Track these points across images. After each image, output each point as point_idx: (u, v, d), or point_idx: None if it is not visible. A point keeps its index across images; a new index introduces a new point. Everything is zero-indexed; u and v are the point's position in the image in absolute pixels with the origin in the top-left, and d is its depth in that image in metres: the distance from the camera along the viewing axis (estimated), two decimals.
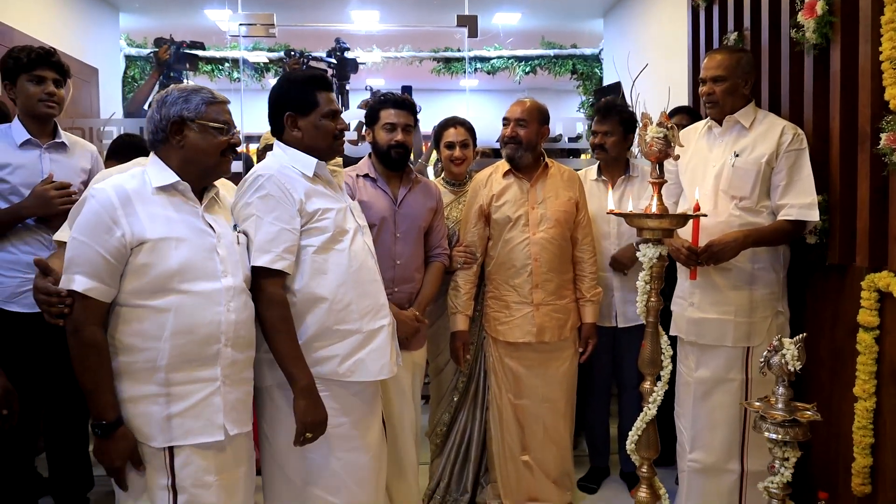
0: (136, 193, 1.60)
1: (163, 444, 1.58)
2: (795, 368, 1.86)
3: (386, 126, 2.33)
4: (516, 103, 2.63)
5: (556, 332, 2.59)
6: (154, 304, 1.57)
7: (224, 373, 1.64)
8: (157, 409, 1.58)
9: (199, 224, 1.67)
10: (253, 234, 1.77)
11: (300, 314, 1.83)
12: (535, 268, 2.54)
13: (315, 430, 1.77)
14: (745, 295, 2.35)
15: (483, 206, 2.58)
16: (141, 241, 1.56)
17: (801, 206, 2.26)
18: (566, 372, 2.66)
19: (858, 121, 2.22)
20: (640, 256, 2.14)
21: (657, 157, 2.10)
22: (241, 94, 4.76)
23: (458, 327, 2.57)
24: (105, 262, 1.54)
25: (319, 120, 1.90)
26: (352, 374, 1.87)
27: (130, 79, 5.79)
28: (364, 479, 1.93)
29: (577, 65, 6.17)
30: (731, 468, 2.40)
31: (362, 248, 1.94)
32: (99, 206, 1.56)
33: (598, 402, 3.02)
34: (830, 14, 2.30)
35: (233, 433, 1.65)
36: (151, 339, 1.57)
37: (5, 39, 3.67)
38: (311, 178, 1.89)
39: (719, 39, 3.12)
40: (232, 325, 1.65)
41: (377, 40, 6.05)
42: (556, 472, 2.68)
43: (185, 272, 1.60)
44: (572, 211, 2.62)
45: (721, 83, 2.36)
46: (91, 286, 1.53)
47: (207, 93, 1.70)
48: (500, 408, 2.64)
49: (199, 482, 1.60)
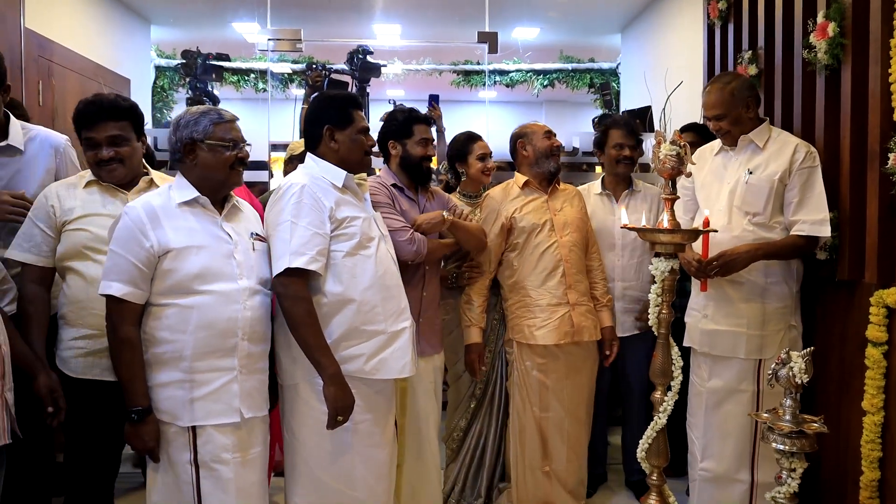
0: (161, 209, 1.83)
1: (187, 424, 1.79)
2: (803, 381, 1.92)
3: (421, 141, 2.45)
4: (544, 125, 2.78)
5: (593, 331, 2.65)
6: (179, 302, 1.79)
7: (241, 363, 1.84)
8: (183, 394, 1.79)
9: (218, 232, 1.87)
10: (288, 237, 1.90)
11: (330, 314, 1.95)
12: (566, 269, 2.61)
13: (345, 413, 1.91)
14: (757, 308, 2.39)
15: (505, 221, 2.64)
16: (166, 250, 1.79)
17: (813, 222, 2.30)
18: (588, 380, 2.73)
19: (868, 140, 2.27)
20: (653, 269, 2.21)
21: (670, 173, 2.18)
22: (268, 104, 4.91)
23: (472, 339, 2.63)
24: (137, 269, 1.77)
25: (355, 135, 2.06)
26: (377, 371, 1.99)
27: (160, 88, 5.96)
28: (382, 474, 2.05)
29: (594, 78, 6.25)
30: (742, 478, 2.44)
31: (386, 255, 2.07)
32: (131, 221, 1.80)
33: (598, 411, 3.04)
34: (842, 36, 2.35)
35: (248, 416, 1.84)
36: (178, 332, 1.79)
37: (46, 52, 3.83)
38: (340, 189, 2.03)
39: (734, 57, 3.18)
40: (248, 321, 1.84)
41: (399, 54, 6.18)
42: (572, 482, 2.73)
43: (205, 275, 1.80)
44: (586, 219, 2.75)
45: (723, 119, 2.41)
46: (126, 291, 1.77)
47: (215, 113, 1.90)
48: (522, 422, 2.66)
49: (217, 458, 1.80)
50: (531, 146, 2.71)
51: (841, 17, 2.35)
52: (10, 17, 3.45)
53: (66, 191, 2.05)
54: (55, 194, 2.03)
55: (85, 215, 2.01)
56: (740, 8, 3.13)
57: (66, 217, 2.01)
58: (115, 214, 1.94)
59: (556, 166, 2.71)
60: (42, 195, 2.06)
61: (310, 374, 1.93)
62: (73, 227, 2.00)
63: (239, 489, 1.82)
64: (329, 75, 4.12)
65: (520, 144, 2.75)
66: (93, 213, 2.01)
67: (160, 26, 5.85)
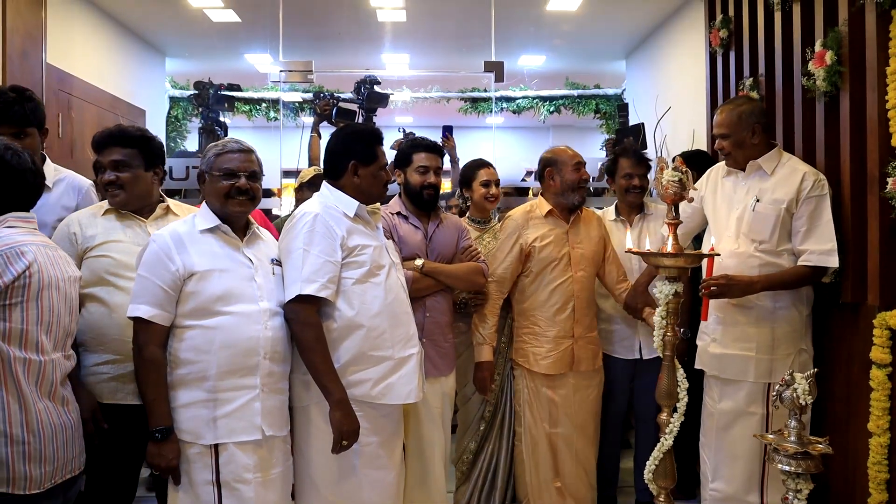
0: (187, 235, 1.92)
1: (210, 442, 1.84)
2: (806, 402, 1.94)
3: (419, 169, 2.51)
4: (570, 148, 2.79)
5: (591, 361, 2.73)
6: (203, 323, 1.86)
7: (263, 381, 1.89)
8: (206, 412, 1.85)
9: (239, 257, 1.95)
10: (300, 264, 1.96)
11: (339, 339, 2.01)
12: (577, 304, 2.67)
13: (350, 438, 1.95)
14: (766, 332, 2.41)
15: (524, 246, 2.68)
16: (191, 273, 1.86)
17: (821, 252, 2.32)
18: (595, 398, 2.79)
19: (867, 165, 2.32)
20: (657, 293, 2.25)
21: (673, 199, 2.23)
22: (280, 133, 5.02)
23: (484, 357, 2.67)
24: (164, 292, 1.85)
25: (378, 171, 2.14)
26: (383, 396, 2.03)
27: (174, 119, 6.10)
28: (388, 496, 2.09)
29: (600, 104, 6.34)
30: (751, 500, 2.44)
31: (396, 283, 2.12)
32: (158, 247, 1.88)
33: (611, 431, 3.06)
34: (839, 64, 2.42)
35: (269, 434, 1.89)
36: (202, 353, 1.85)
37: (66, 86, 3.97)
38: (353, 218, 2.09)
39: (736, 84, 3.25)
40: (269, 340, 1.90)
41: (407, 82, 6.30)
42: (584, 497, 2.76)
43: (227, 297, 1.87)
44: (601, 251, 2.78)
45: (726, 139, 2.46)
46: (154, 313, 1.84)
47: (221, 146, 2.00)
48: (534, 438, 2.72)
49: (239, 478, 1.84)
50: (559, 176, 2.70)
51: (838, 46, 2.42)
52: (34, 54, 3.58)
53: (87, 219, 2.11)
54: (77, 222, 2.10)
55: (106, 241, 2.07)
56: (741, 36, 3.21)
57: (87, 244, 2.06)
58: (134, 241, 2.03)
59: (580, 200, 2.72)
60: (63, 224, 2.12)
61: (319, 396, 1.97)
62: (94, 253, 2.06)
63: None
64: (337, 104, 4.20)
65: (548, 173, 2.74)
66: (113, 240, 2.07)
67: (175, 58, 6.00)
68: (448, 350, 2.53)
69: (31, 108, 2.17)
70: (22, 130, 2.14)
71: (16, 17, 3.37)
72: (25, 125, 2.15)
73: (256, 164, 2.02)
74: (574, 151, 2.79)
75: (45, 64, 3.69)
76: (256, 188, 2.00)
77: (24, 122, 2.15)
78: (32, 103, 2.18)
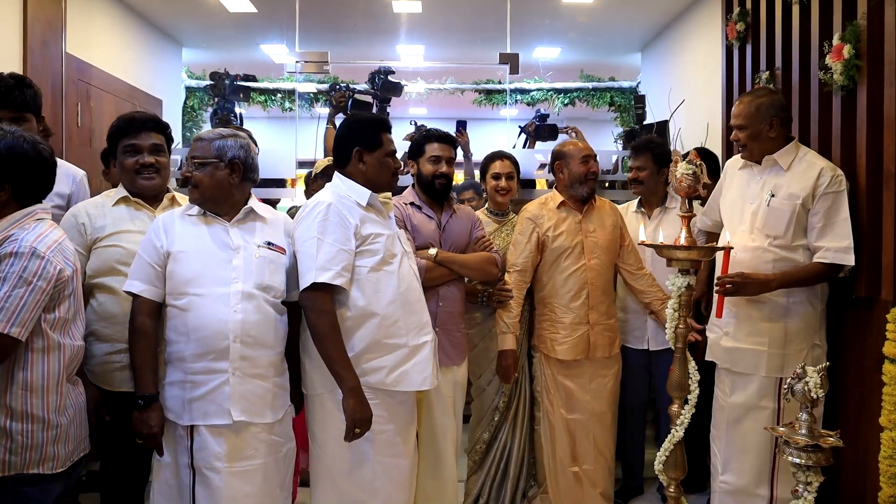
0: (177, 216, 2.00)
1: (186, 423, 1.90)
2: (818, 396, 1.95)
3: (431, 158, 2.53)
4: (582, 142, 2.87)
5: (608, 348, 2.76)
6: (177, 303, 1.92)
7: (234, 366, 1.90)
8: (183, 393, 1.91)
9: (223, 238, 1.98)
10: (314, 253, 1.99)
11: (354, 328, 2.03)
12: (591, 291, 2.71)
13: (363, 426, 1.97)
14: (779, 327, 2.41)
15: (540, 236, 2.74)
16: (169, 252, 1.94)
17: (837, 250, 2.30)
18: (612, 387, 2.82)
19: (884, 160, 2.31)
20: (670, 285, 2.26)
21: (686, 192, 2.24)
22: (296, 123, 5.05)
23: (507, 346, 2.70)
24: (153, 269, 1.94)
25: (383, 157, 2.16)
26: (398, 383, 2.06)
27: (190, 109, 6.13)
28: (402, 483, 2.11)
29: (614, 97, 6.31)
30: (761, 493, 2.45)
31: (409, 271, 2.15)
32: (152, 228, 2.00)
33: (634, 423, 3.10)
34: (857, 58, 2.40)
35: (238, 419, 1.89)
36: (179, 334, 1.92)
37: (84, 76, 4.02)
38: (365, 207, 2.10)
39: (752, 77, 3.23)
40: (239, 324, 1.90)
41: (422, 74, 6.30)
42: (602, 484, 2.81)
43: (197, 279, 1.92)
44: (617, 239, 2.81)
45: (743, 131, 2.45)
46: (143, 288, 1.94)
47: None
48: (552, 423, 2.79)
49: (209, 466, 1.88)
50: (567, 170, 2.76)
51: (856, 40, 2.40)
52: (53, 44, 3.63)
53: (96, 209, 2.14)
54: (84, 213, 2.12)
55: (116, 232, 2.10)
56: (758, 29, 3.19)
57: (97, 234, 2.09)
58: (143, 231, 2.06)
59: (588, 191, 2.76)
60: (70, 215, 2.14)
61: (333, 384, 1.99)
62: (105, 243, 2.09)
63: (228, 498, 1.86)
64: (353, 95, 4.21)
65: (557, 167, 2.81)
66: (123, 230, 2.11)
67: (191, 48, 6.04)
68: (460, 340, 2.56)
69: (30, 94, 2.22)
70: (21, 116, 2.18)
71: (37, 8, 3.42)
72: (24, 110, 2.20)
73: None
74: (584, 144, 2.83)
75: (64, 54, 3.73)
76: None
77: (24, 108, 2.20)
78: (31, 90, 2.23)
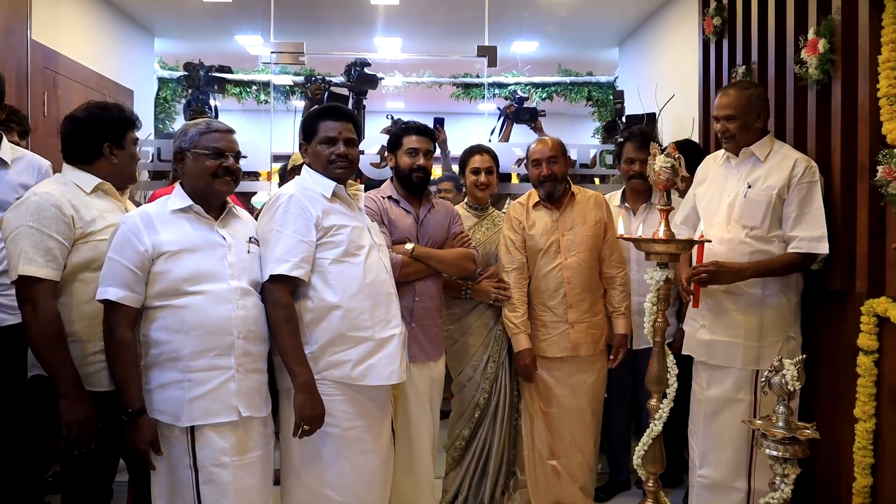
0: (157, 216, 1.90)
1: (186, 424, 1.82)
2: (795, 388, 1.96)
3: (409, 151, 2.49)
4: (540, 143, 2.75)
5: (591, 346, 2.73)
6: (173, 303, 1.84)
7: (238, 362, 1.88)
8: (181, 394, 1.83)
9: (213, 236, 1.93)
10: (274, 245, 1.96)
11: (317, 320, 2.00)
12: (568, 290, 2.68)
13: (312, 423, 1.94)
14: (754, 319, 2.42)
15: (523, 234, 2.72)
16: (160, 253, 1.85)
17: (811, 239, 2.32)
18: (593, 385, 2.78)
19: (858, 153, 2.33)
20: (648, 279, 2.26)
21: (664, 185, 2.23)
22: (270, 116, 4.98)
23: (523, 346, 2.67)
24: (132, 273, 1.83)
25: (317, 146, 2.13)
26: (364, 378, 2.02)
27: (162, 100, 6.01)
28: (373, 480, 2.08)
29: (592, 91, 6.32)
30: (738, 486, 2.46)
31: (377, 263, 2.11)
32: (126, 229, 1.86)
33: (619, 418, 3.10)
34: (831, 52, 2.42)
35: (245, 415, 1.87)
36: (174, 332, 1.84)
37: (51, 64, 3.90)
38: (330, 198, 2.08)
39: (728, 72, 3.24)
40: (242, 320, 1.89)
41: (399, 67, 6.25)
42: (581, 479, 2.80)
43: (196, 277, 1.86)
44: (600, 234, 2.75)
45: (733, 122, 2.43)
46: (122, 295, 1.81)
47: (204, 125, 1.98)
48: (531, 415, 2.78)
49: (216, 462, 1.83)
50: (529, 171, 2.78)
51: (831, 34, 2.42)
52: (18, 30, 3.51)
53: (77, 200, 1.96)
54: (69, 205, 1.93)
55: (109, 226, 1.96)
56: (734, 24, 3.20)
57: (89, 227, 1.94)
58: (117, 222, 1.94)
59: (546, 193, 2.72)
60: (51, 206, 1.90)
61: None
62: (98, 237, 1.95)
63: (237, 492, 1.85)
64: (329, 88, 4.15)
65: (526, 166, 2.84)
66: (114, 224, 1.95)
67: (164, 38, 5.91)
68: (437, 335, 2.53)
69: None
70: None
71: None
72: None
73: (237, 145, 2.03)
74: (541, 146, 2.73)
75: (30, 40, 3.61)
76: (240, 169, 2.03)
77: None
78: None
